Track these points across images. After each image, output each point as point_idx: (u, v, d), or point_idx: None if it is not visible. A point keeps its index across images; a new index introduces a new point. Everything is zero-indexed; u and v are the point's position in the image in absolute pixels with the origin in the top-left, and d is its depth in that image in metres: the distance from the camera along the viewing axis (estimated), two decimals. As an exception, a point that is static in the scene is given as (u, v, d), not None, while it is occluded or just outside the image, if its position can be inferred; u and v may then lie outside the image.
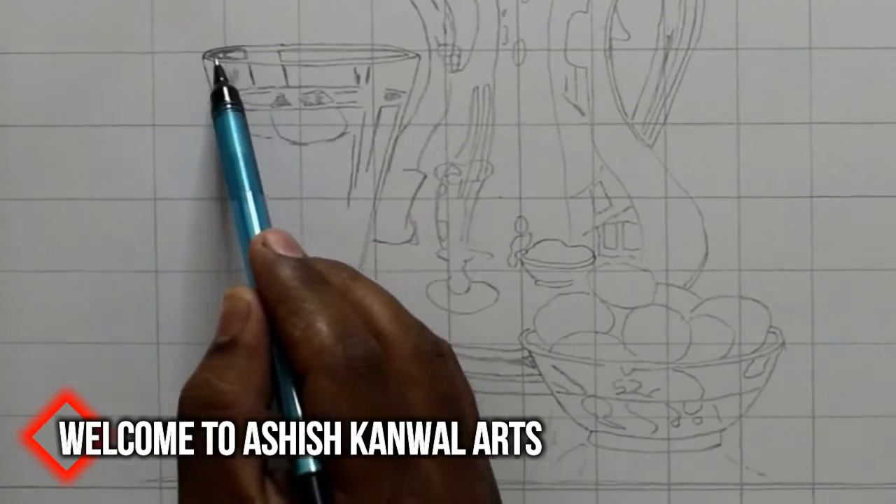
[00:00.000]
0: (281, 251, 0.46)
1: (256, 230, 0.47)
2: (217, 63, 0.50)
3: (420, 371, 0.44)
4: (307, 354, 0.44)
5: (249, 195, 0.48)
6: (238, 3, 0.51)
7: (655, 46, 0.51)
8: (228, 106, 0.49)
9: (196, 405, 0.44)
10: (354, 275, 0.47)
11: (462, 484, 0.44)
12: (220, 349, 0.45)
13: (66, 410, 0.52)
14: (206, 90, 0.51)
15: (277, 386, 0.45)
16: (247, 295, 0.45)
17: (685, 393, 0.51)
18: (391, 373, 0.44)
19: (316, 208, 0.51)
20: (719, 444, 0.51)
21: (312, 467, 0.43)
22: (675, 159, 0.51)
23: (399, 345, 0.45)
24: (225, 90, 0.49)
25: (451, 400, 0.45)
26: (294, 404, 0.44)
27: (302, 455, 0.43)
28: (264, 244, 0.46)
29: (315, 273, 0.46)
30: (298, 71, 0.51)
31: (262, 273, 0.46)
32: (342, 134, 0.51)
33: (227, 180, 0.49)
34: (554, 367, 0.51)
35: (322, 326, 0.44)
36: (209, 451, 0.43)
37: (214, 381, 0.44)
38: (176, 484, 0.51)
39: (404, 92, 0.51)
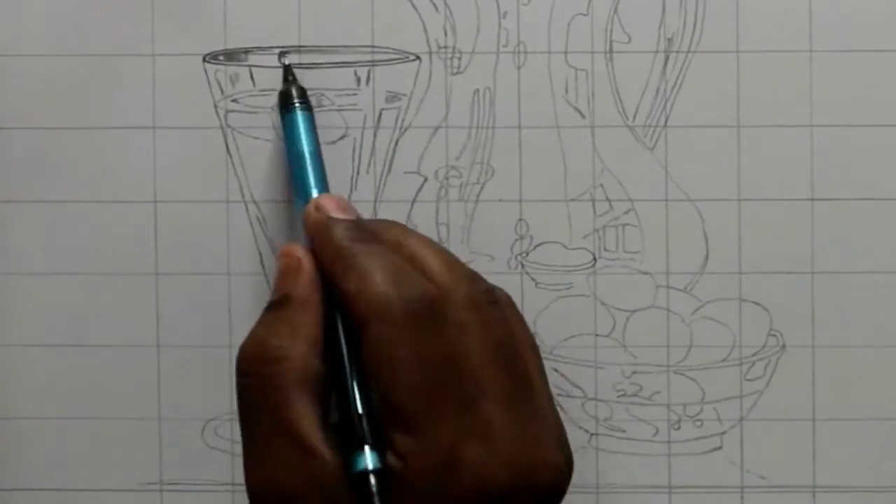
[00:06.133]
0: (334, 214, 0.47)
1: None
2: (287, 63, 0.50)
3: (473, 318, 0.44)
4: (363, 305, 0.44)
5: (315, 193, 0.48)
6: (239, 6, 0.51)
7: (656, 49, 0.51)
8: (297, 104, 0.49)
9: (251, 361, 0.45)
10: (406, 231, 0.47)
11: (525, 426, 0.44)
12: (274, 306, 0.46)
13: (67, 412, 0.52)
14: (206, 92, 0.51)
15: (332, 347, 0.45)
16: (298, 252, 0.46)
17: (686, 396, 0.51)
18: (447, 319, 0.44)
19: (316, 211, 0.51)
20: (720, 447, 0.51)
21: (370, 465, 0.43)
22: (675, 162, 0.51)
23: (451, 293, 0.45)
24: (293, 89, 0.50)
25: (507, 345, 0.45)
26: (347, 358, 0.45)
27: (358, 446, 0.44)
28: (317, 208, 0.47)
29: (367, 232, 0.46)
30: (299, 73, 0.51)
31: (316, 235, 0.47)
32: (343, 136, 0.51)
33: (294, 179, 0.49)
34: (554, 369, 0.51)
35: (376, 277, 0.44)
36: (267, 405, 0.44)
37: (267, 336, 0.45)
38: (176, 486, 0.52)
39: (405, 94, 0.51)
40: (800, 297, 0.51)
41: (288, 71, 0.50)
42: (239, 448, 0.45)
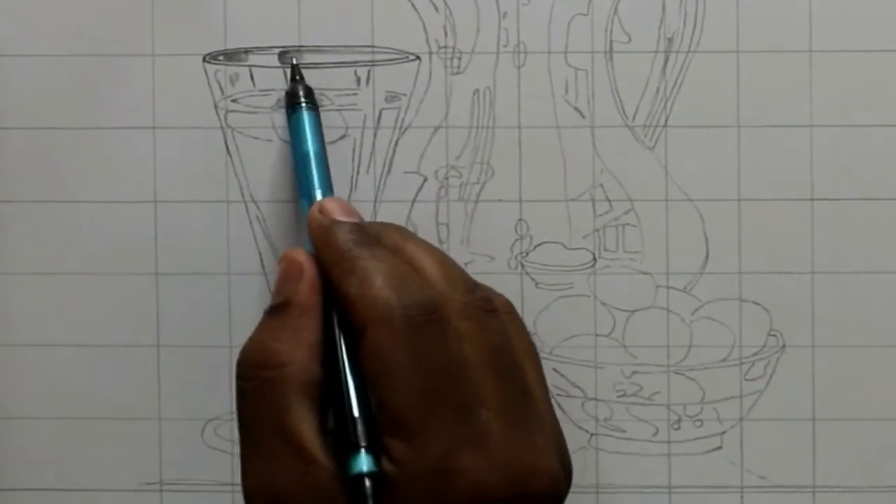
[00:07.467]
0: (338, 217, 0.47)
1: None
2: (295, 62, 0.51)
3: (470, 326, 0.44)
4: (364, 309, 0.44)
5: (319, 194, 0.48)
6: (239, 6, 0.51)
7: (656, 49, 0.51)
8: (303, 103, 0.49)
9: (252, 365, 0.45)
10: (406, 234, 0.48)
11: (521, 435, 0.44)
12: (275, 311, 0.46)
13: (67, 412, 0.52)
14: (206, 92, 0.51)
15: (332, 352, 0.45)
16: (299, 256, 0.46)
17: (686, 396, 0.51)
18: (446, 326, 0.44)
19: (316, 211, 0.51)
20: (720, 447, 0.51)
21: (365, 467, 0.43)
22: (675, 162, 0.51)
23: (448, 301, 0.45)
24: (300, 88, 0.50)
25: (504, 354, 0.45)
26: (345, 362, 0.45)
27: (354, 449, 0.43)
28: (321, 211, 0.47)
29: (369, 235, 0.46)
30: (299, 73, 0.51)
31: (318, 238, 0.46)
32: (342, 136, 0.51)
33: (298, 180, 0.49)
34: (554, 369, 0.51)
35: (376, 281, 0.44)
36: (267, 410, 0.44)
37: (269, 341, 0.45)
38: (176, 486, 0.51)
39: (405, 94, 0.51)
40: (800, 297, 0.51)
41: (295, 70, 0.50)
42: (239, 449, 0.45)
